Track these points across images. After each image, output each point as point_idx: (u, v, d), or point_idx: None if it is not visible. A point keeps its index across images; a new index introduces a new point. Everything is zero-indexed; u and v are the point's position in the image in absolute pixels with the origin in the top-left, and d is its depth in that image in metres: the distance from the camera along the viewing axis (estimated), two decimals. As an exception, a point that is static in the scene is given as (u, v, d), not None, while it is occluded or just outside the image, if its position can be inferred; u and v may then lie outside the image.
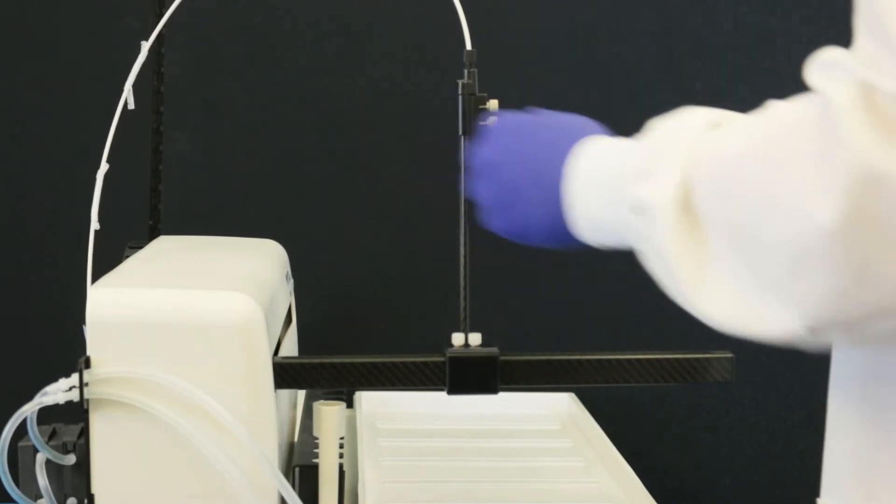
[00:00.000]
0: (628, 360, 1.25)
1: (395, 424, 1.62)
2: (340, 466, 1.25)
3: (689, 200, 0.76)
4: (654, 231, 0.79)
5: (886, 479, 0.77)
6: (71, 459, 1.20)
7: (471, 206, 1.24)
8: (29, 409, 1.15)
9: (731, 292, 0.75)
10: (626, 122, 1.91)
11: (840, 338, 0.73)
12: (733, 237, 0.73)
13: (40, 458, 1.19)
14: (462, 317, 1.24)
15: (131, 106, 1.28)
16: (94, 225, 1.24)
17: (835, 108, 0.66)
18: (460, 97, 1.20)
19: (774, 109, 0.74)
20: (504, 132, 0.98)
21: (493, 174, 0.97)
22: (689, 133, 0.78)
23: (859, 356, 0.79)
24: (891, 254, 0.66)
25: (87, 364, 1.15)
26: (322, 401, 1.28)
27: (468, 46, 1.19)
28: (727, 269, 0.75)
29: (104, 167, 1.27)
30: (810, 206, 0.67)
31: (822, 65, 0.70)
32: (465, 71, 1.19)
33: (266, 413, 1.17)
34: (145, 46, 1.30)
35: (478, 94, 1.20)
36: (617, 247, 0.89)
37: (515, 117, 0.99)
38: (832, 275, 0.68)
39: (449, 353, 1.22)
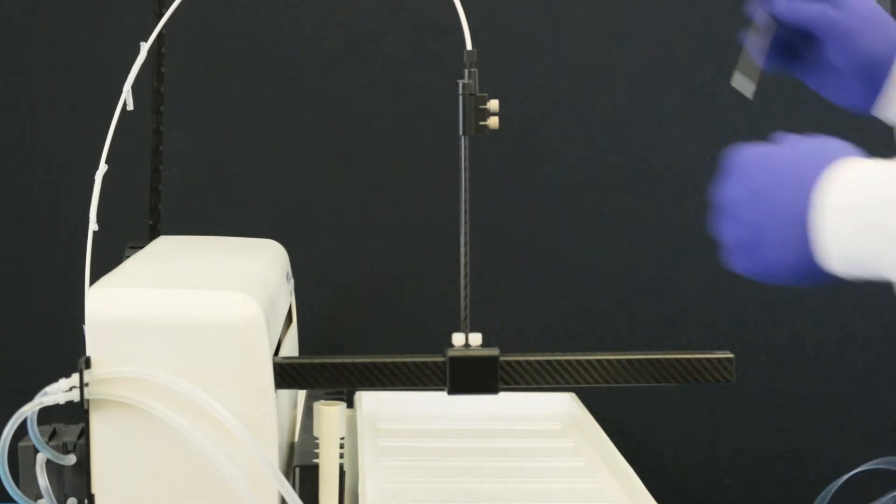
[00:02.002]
0: (628, 360, 1.25)
1: (396, 424, 1.62)
2: (340, 466, 1.25)
3: None
4: None
5: None
6: (71, 459, 1.20)
7: (470, 205, 1.24)
8: (29, 409, 1.15)
9: None
10: (626, 122, 1.91)
11: None
12: None
13: (40, 458, 1.19)
14: (462, 317, 1.24)
15: (130, 107, 1.28)
16: (93, 226, 1.24)
17: None
18: (460, 97, 1.20)
19: None
20: (745, 168, 0.94)
21: (735, 213, 0.93)
22: None
23: None
24: None
25: (87, 364, 1.15)
26: (322, 401, 1.28)
27: (468, 46, 1.19)
28: None
29: (103, 168, 1.27)
30: None
31: None
32: (466, 71, 1.19)
33: (266, 413, 1.17)
34: (144, 47, 1.30)
35: (478, 94, 1.20)
36: (872, 279, 0.84)
37: (757, 151, 0.95)
38: None
39: (449, 353, 1.22)
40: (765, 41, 1.20)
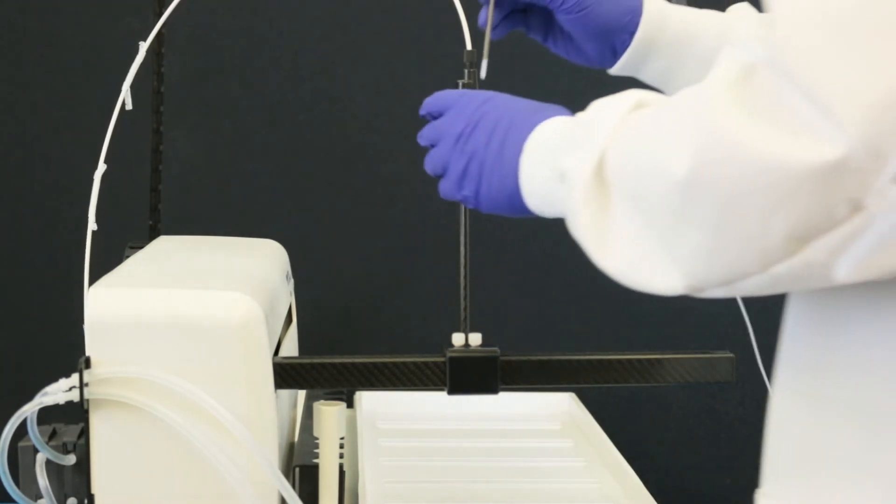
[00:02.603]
0: (628, 360, 1.25)
1: (396, 424, 1.62)
2: (340, 466, 1.25)
3: (602, 169, 0.82)
4: (570, 196, 0.85)
5: (827, 463, 0.80)
6: (71, 459, 1.20)
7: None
8: (29, 409, 1.15)
9: (629, 251, 0.81)
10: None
11: (720, 294, 0.77)
12: (631, 200, 0.80)
13: (40, 458, 1.19)
14: (462, 317, 1.24)
15: (129, 106, 1.27)
16: (92, 226, 1.24)
17: (714, 79, 0.73)
18: (460, 97, 1.19)
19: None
20: (468, 104, 1.02)
21: (457, 143, 1.00)
22: (618, 110, 0.83)
23: (807, 334, 0.83)
24: (740, 216, 0.71)
25: (87, 364, 1.15)
26: (322, 401, 1.28)
27: (468, 46, 1.19)
28: (627, 230, 0.81)
29: (101, 168, 1.27)
30: (669, 160, 0.74)
31: (734, 42, 0.76)
32: (465, 71, 1.19)
33: (266, 413, 1.17)
34: (143, 47, 1.30)
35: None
36: (553, 216, 0.93)
37: (482, 93, 1.04)
38: (696, 232, 0.74)
39: (449, 353, 1.22)
40: (497, 16, 1.19)
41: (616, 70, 1.21)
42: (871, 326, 0.78)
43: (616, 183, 0.81)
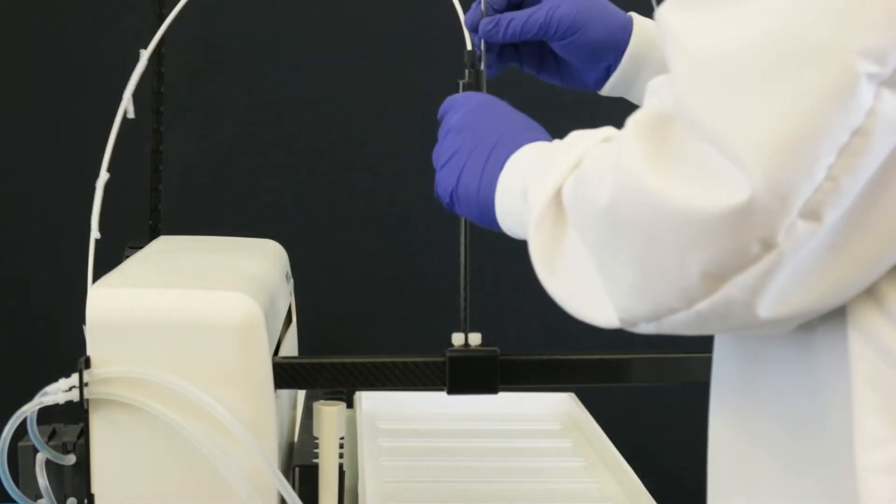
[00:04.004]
0: (628, 360, 1.25)
1: (395, 424, 1.62)
2: (340, 466, 1.25)
3: (560, 198, 0.84)
4: (528, 218, 0.87)
5: (761, 481, 0.84)
6: (71, 459, 1.20)
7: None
8: (29, 409, 1.15)
9: (575, 280, 0.84)
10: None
11: (651, 329, 0.80)
12: (578, 232, 0.82)
13: (40, 458, 1.19)
14: (462, 317, 1.24)
15: (131, 115, 1.27)
16: (95, 234, 1.24)
17: (632, 125, 0.75)
18: (460, 97, 1.20)
19: None
20: (479, 106, 1.03)
21: (452, 139, 1.02)
22: (587, 142, 0.85)
23: (734, 364, 0.88)
24: (657, 255, 0.73)
25: (87, 364, 1.15)
26: (322, 401, 1.28)
27: (468, 46, 1.20)
28: (574, 260, 0.83)
29: (104, 176, 1.27)
30: (596, 200, 0.77)
31: (650, 88, 0.78)
32: (466, 71, 1.20)
33: (266, 413, 1.17)
34: (144, 55, 1.30)
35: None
36: (521, 238, 0.94)
37: (496, 100, 1.06)
38: (624, 268, 0.76)
39: (449, 353, 1.22)
40: (490, 56, 1.20)
41: (607, 89, 1.22)
42: (784, 358, 0.81)
43: (569, 213, 0.83)
